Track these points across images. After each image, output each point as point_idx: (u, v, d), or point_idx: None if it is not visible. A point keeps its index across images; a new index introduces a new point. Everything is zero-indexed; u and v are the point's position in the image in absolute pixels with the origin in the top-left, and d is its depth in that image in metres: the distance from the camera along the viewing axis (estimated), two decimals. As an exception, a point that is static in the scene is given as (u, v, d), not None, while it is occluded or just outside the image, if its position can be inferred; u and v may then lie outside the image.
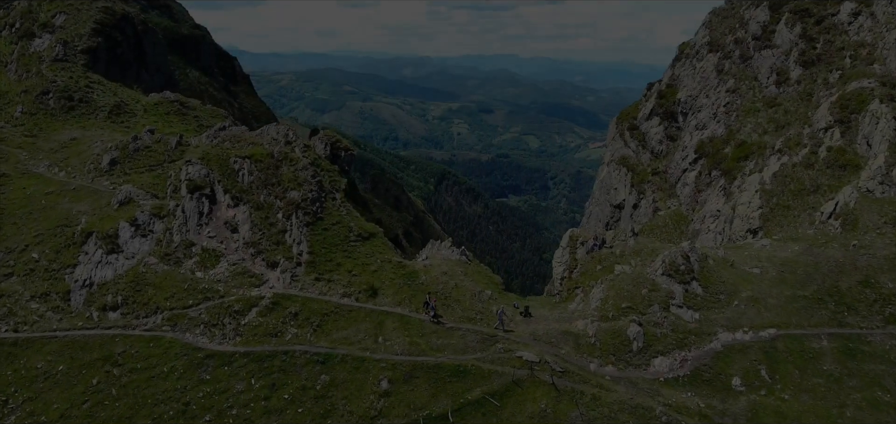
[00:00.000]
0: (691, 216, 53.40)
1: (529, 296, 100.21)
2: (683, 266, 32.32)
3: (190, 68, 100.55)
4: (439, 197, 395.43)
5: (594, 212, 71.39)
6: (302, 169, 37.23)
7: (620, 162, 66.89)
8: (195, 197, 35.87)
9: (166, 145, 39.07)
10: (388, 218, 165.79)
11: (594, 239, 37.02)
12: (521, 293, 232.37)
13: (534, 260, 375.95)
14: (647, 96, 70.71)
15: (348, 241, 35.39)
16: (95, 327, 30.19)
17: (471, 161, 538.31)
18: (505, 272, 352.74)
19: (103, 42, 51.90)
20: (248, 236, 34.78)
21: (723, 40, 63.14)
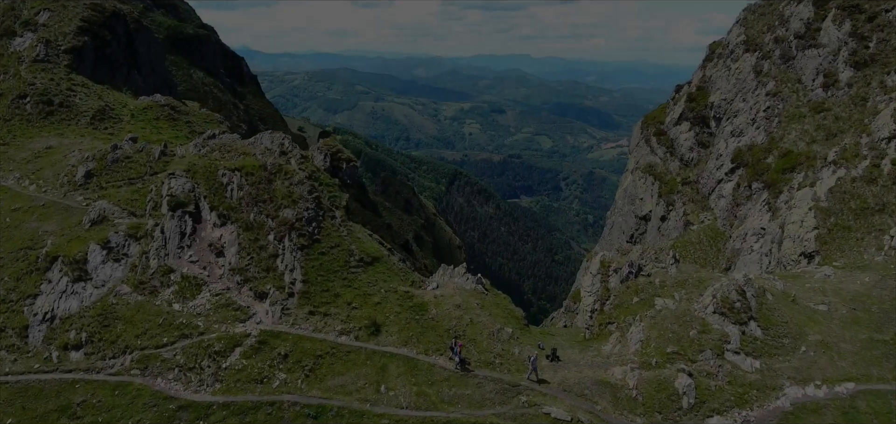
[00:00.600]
0: (729, 232, 48.21)
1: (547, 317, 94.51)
2: (739, 303, 27.39)
3: (194, 69, 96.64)
4: (451, 198, 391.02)
5: (617, 223, 66.28)
6: (298, 184, 32.78)
7: (646, 170, 61.74)
8: (177, 215, 31.58)
9: (149, 155, 34.94)
10: (398, 221, 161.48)
11: (629, 265, 32.21)
12: (534, 294, 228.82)
13: (546, 262, 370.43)
14: (675, 99, 65.43)
15: (348, 267, 30.86)
16: (54, 370, 25.97)
17: (483, 162, 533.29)
18: (516, 273, 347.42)
19: (90, 41, 47.90)
20: (234, 260, 30.40)
21: (760, 39, 57.74)
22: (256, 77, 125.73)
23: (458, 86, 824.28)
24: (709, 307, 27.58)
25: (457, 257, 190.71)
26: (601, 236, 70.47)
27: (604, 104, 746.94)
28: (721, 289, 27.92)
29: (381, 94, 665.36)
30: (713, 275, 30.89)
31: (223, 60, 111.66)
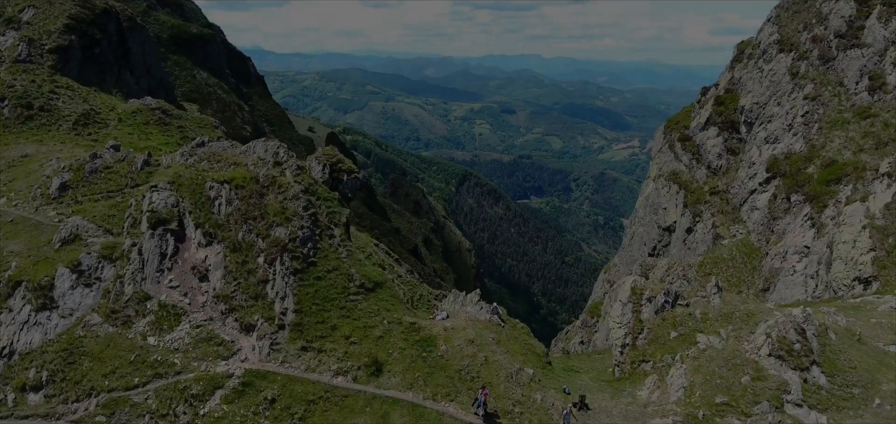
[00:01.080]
0: (765, 249, 44.02)
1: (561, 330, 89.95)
2: (798, 344, 23.44)
3: (198, 70, 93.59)
4: (461, 199, 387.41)
5: (638, 234, 62.15)
6: (292, 199, 29.23)
7: (670, 178, 57.56)
8: (158, 234, 28.15)
9: (131, 165, 31.62)
10: (407, 224, 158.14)
11: (664, 294, 28.30)
12: (543, 296, 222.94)
13: (556, 264, 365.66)
14: (701, 102, 61.15)
15: (347, 294, 27.23)
16: (8, 415, 22.61)
17: (493, 162, 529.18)
18: (526, 275, 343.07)
19: (77, 40, 44.68)
20: (219, 286, 26.90)
21: (795, 38, 53.38)
22: (263, 77, 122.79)
23: (468, 86, 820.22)
24: (763, 348, 23.63)
25: (466, 259, 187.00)
26: (620, 246, 66.39)
27: (615, 105, 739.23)
28: (776, 327, 23.97)
29: (392, 94, 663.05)
30: (763, 308, 26.91)
31: (229, 60, 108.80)
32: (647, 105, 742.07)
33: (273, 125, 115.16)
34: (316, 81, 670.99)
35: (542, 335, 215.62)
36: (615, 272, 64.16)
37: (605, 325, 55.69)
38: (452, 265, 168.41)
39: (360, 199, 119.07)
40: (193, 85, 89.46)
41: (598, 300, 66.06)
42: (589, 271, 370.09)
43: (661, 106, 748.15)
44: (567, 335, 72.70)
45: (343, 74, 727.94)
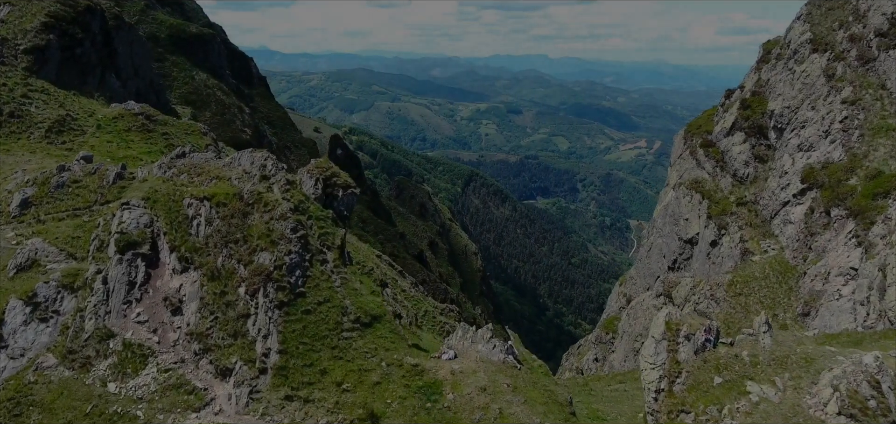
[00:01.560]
0: (802, 267, 40.05)
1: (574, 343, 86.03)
2: (873, 401, 19.66)
3: (197, 70, 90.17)
4: (467, 199, 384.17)
5: (656, 245, 58.21)
6: (280, 219, 25.66)
7: (692, 187, 53.59)
8: (127, 259, 24.68)
9: (102, 179, 28.21)
10: (412, 228, 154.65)
11: (705, 331, 24.50)
12: (549, 298, 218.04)
13: (562, 265, 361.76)
14: (725, 106, 57.12)
15: (340, 330, 23.62)
16: (-62, 481, 19.20)
17: (499, 162, 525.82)
18: (532, 276, 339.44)
19: (56, 40, 41.42)
20: (194, 321, 23.37)
21: (830, 37, 49.28)
22: (265, 78, 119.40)
23: (474, 86, 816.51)
24: (830, 405, 19.83)
25: (472, 262, 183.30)
26: (637, 257, 62.42)
27: (622, 105, 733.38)
28: (845, 379, 20.17)
29: (398, 94, 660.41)
30: (824, 351, 23.08)
31: (231, 61, 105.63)
32: (654, 105, 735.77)
33: (275, 127, 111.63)
34: (322, 81, 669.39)
35: (548, 337, 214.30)
36: (632, 286, 60.29)
37: (623, 345, 51.86)
38: (458, 268, 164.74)
39: (364, 203, 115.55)
40: (192, 86, 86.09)
41: (613, 315, 62.23)
42: (595, 272, 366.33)
43: (667, 106, 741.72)
44: (580, 350, 68.88)
45: (349, 74, 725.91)
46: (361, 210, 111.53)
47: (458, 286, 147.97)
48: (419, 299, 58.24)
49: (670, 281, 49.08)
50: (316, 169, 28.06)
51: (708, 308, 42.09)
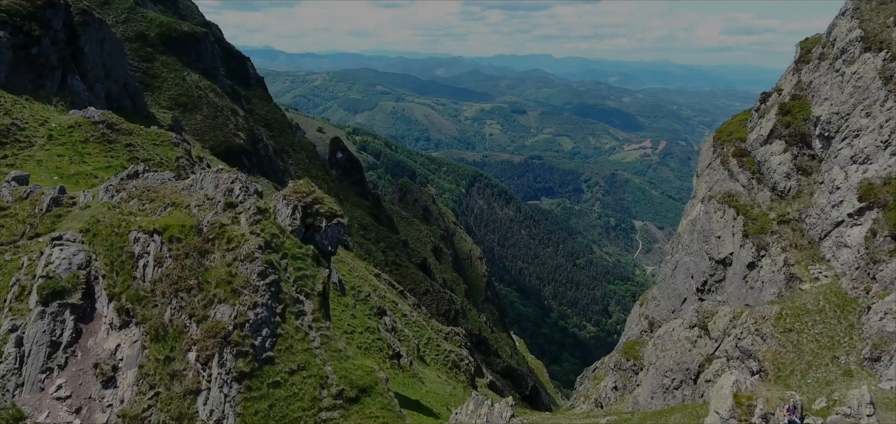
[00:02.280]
0: (865, 301, 34.30)
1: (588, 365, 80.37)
2: None
3: (188, 71, 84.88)
4: (471, 200, 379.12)
5: (683, 264, 52.52)
6: (245, 259, 20.25)
7: (724, 201, 47.85)
8: (50, 312, 19.36)
9: (36, 205, 22.93)
10: (416, 232, 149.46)
11: (789, 410, 18.97)
12: (554, 300, 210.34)
13: (567, 266, 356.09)
14: (760, 111, 51.26)
15: (318, 409, 18.18)
16: None
17: (503, 163, 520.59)
18: (537, 277, 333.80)
19: (7, 37, 36.05)
20: (129, 396, 18.00)
21: (885, 35, 43.37)
22: (263, 79, 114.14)
23: (478, 86, 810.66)
24: None
25: (477, 267, 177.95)
26: (660, 275, 56.67)
27: (626, 105, 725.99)
28: None
29: (402, 94, 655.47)
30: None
31: (227, 61, 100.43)
32: (658, 105, 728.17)
33: (273, 130, 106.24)
34: (326, 80, 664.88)
35: (553, 339, 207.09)
36: (656, 308, 54.60)
37: (650, 379, 46.21)
38: (463, 273, 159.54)
39: (365, 209, 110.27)
40: (183, 88, 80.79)
41: (634, 339, 56.61)
42: (600, 274, 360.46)
43: (672, 106, 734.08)
44: (595, 374, 63.33)
45: (353, 73, 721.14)
46: (363, 216, 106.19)
47: (462, 293, 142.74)
48: (421, 323, 52.87)
49: (705, 313, 43.34)
50: (294, 195, 22.55)
51: (752, 345, 36.48)
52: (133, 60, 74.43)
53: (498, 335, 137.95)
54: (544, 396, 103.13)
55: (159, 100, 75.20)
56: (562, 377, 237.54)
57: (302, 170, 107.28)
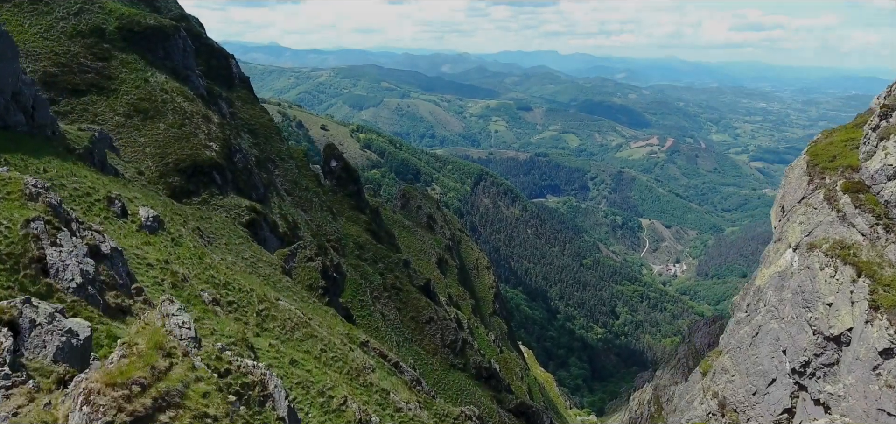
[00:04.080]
0: None
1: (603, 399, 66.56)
2: None
3: (153, 71, 71.28)
4: (476, 199, 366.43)
5: (769, 333, 39.13)
6: None
7: (835, 253, 34.48)
8: None
9: None
10: (419, 242, 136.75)
11: None
12: (560, 300, 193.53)
13: (573, 266, 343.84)
14: (879, 129, 37.66)
15: None
16: None
17: (508, 160, 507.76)
18: (543, 278, 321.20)
19: None
20: None
21: None
22: (248, 78, 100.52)
23: (484, 83, 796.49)
24: None
25: (484, 278, 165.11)
26: (728, 338, 43.31)
27: (633, 102, 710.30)
28: None
29: (407, 90, 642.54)
30: None
31: (207, 59, 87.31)
32: (666, 102, 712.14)
33: (258, 137, 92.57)
34: (331, 77, 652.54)
35: (560, 343, 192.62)
36: (728, 385, 41.21)
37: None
38: (469, 285, 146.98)
39: (362, 225, 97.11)
40: (143, 91, 67.31)
41: (698, 422, 43.27)
42: (607, 274, 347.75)
43: (680, 103, 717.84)
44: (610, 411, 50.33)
45: (359, 70, 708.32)
46: (359, 233, 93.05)
47: (469, 309, 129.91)
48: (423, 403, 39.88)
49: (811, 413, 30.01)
50: (106, 392, 9.52)
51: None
52: (85, 59, 61.59)
53: (507, 355, 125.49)
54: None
55: (114, 106, 62.02)
56: (570, 382, 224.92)
57: (290, 182, 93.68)
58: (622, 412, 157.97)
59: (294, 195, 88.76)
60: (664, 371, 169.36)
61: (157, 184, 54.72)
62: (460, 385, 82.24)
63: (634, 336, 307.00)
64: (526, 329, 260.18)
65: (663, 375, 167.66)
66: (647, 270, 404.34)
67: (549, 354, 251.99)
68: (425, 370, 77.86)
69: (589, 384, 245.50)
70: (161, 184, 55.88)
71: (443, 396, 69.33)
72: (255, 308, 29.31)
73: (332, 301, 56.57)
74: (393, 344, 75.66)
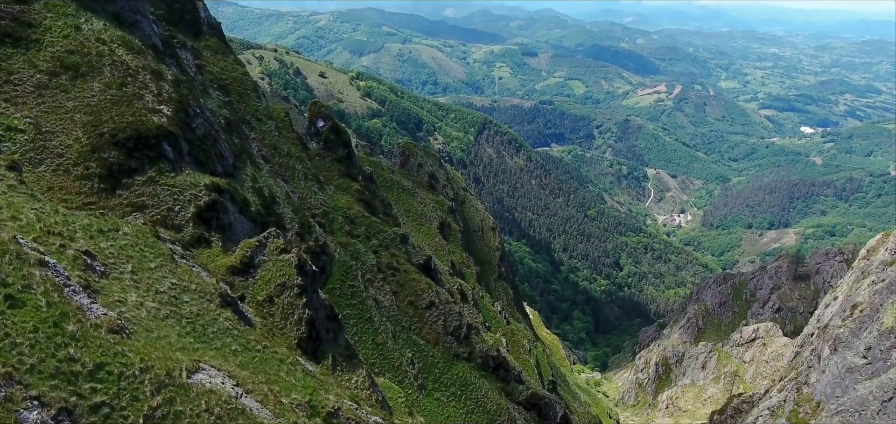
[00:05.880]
0: None
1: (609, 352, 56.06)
2: None
3: (87, 17, 56.41)
4: (480, 149, 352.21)
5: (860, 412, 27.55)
6: None
7: None
8: None
9: None
10: (420, 205, 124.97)
11: None
12: (564, 252, 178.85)
13: (577, 218, 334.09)
14: None
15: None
16: None
17: (512, 108, 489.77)
18: (547, 229, 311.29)
19: None
20: None
21: None
22: (219, 25, 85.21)
23: (488, 27, 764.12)
24: None
25: (489, 240, 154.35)
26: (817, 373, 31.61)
27: (641, 47, 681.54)
28: None
29: (409, 35, 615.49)
30: None
31: (168, 3, 72.84)
32: (675, 47, 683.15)
33: (231, 94, 78.10)
34: (330, 21, 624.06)
35: (564, 296, 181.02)
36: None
37: None
38: (473, 250, 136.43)
39: (354, 194, 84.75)
40: (74, 42, 53.09)
41: None
42: (612, 225, 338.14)
43: (689, 49, 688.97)
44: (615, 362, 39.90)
45: (359, 14, 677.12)
46: (350, 205, 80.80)
47: (473, 277, 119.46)
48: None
49: None
50: None
51: None
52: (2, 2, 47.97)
53: (514, 327, 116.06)
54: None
55: (35, 61, 48.60)
56: (573, 336, 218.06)
57: (269, 147, 79.75)
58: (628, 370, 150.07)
59: (273, 163, 75.82)
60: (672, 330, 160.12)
61: (88, 160, 42.31)
62: (465, 379, 71.38)
63: (638, 288, 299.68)
64: (530, 283, 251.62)
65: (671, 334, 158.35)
66: (652, 220, 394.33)
67: (552, 308, 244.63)
68: (426, 363, 66.76)
69: (592, 337, 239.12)
70: (93, 161, 43.24)
71: (446, 393, 57.84)
72: (144, 407, 18.04)
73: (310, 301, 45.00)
74: (388, 335, 64.38)
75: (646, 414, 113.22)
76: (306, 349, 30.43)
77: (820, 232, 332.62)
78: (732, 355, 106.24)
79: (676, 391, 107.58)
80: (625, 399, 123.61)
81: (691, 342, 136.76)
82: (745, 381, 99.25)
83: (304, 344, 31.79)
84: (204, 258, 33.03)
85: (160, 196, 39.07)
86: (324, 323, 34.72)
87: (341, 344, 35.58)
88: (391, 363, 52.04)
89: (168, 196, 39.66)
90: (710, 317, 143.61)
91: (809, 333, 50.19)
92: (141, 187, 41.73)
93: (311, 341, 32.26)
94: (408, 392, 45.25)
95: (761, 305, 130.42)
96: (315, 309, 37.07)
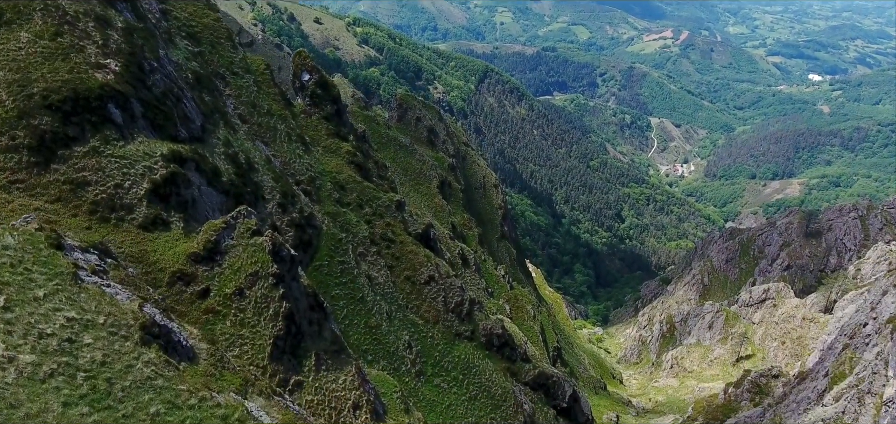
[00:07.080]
0: None
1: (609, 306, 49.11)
2: None
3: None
4: (481, 98, 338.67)
5: None
6: None
7: None
8: None
9: None
10: (419, 163, 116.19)
11: None
12: (566, 204, 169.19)
13: (580, 169, 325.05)
14: None
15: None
16: None
17: (514, 55, 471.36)
18: (549, 181, 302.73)
19: None
20: None
21: None
22: (187, -37, 73.69)
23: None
24: None
25: (492, 198, 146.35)
26: None
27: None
28: None
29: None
30: None
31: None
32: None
33: (202, 44, 67.60)
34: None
35: (565, 250, 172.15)
36: None
37: None
38: (475, 208, 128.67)
39: (345, 156, 75.87)
40: (-3, -19, 42.49)
41: None
42: (614, 176, 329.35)
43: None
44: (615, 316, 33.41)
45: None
46: (340, 169, 72.19)
47: (475, 239, 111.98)
48: None
49: None
50: None
51: None
52: None
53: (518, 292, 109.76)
54: (584, 403, 74.69)
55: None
56: (574, 290, 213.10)
57: (246, 105, 69.77)
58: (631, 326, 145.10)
59: (251, 123, 66.37)
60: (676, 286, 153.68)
61: (14, 129, 33.77)
62: (467, 361, 64.27)
63: (639, 240, 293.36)
64: (531, 237, 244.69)
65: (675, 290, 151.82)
66: (654, 171, 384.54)
67: (553, 261, 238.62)
68: (424, 345, 59.48)
69: (593, 290, 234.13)
70: (20, 130, 34.65)
71: (446, 379, 50.21)
72: None
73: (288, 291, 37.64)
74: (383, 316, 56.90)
75: (649, 373, 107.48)
76: (284, 347, 23.42)
77: (824, 183, 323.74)
78: (741, 315, 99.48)
79: (681, 350, 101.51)
80: (627, 356, 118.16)
81: (696, 299, 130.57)
82: (753, 343, 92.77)
83: (281, 342, 24.48)
84: (160, 245, 24.90)
85: (106, 171, 29.88)
86: (305, 314, 26.87)
87: (327, 338, 27.92)
88: (386, 348, 44.17)
89: (115, 170, 30.56)
90: (716, 274, 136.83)
91: (860, 322, 42.75)
92: (81, 159, 32.40)
93: (290, 338, 24.90)
94: (404, 382, 38.25)
95: (770, 262, 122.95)
96: (295, 300, 28.77)
